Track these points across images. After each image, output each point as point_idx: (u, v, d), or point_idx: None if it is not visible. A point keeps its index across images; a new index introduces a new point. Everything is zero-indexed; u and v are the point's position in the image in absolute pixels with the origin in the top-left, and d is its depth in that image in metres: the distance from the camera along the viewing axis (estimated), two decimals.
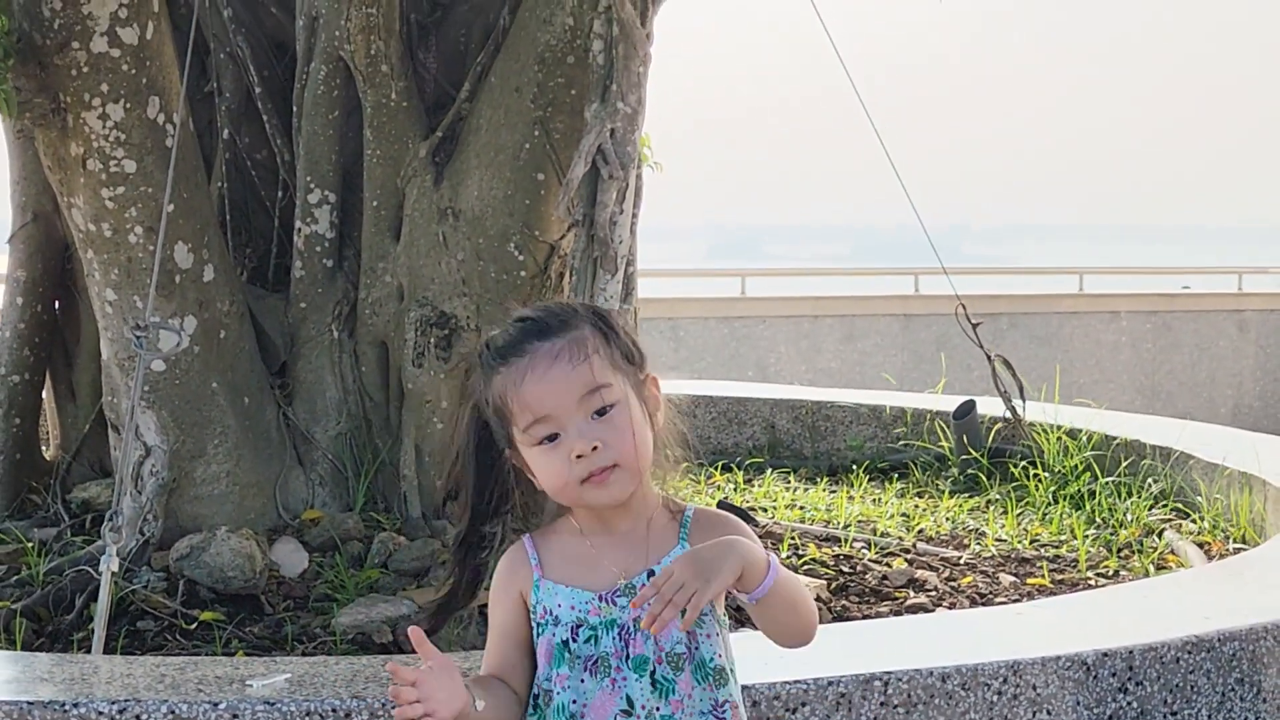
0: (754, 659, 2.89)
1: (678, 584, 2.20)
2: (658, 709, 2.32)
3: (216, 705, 2.59)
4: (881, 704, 2.80)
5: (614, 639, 2.34)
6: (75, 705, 2.59)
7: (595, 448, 2.26)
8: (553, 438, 2.28)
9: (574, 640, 2.35)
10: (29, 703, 2.60)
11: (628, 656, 2.33)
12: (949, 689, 2.84)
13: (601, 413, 2.29)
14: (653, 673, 2.34)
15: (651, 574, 2.32)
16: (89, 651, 3.38)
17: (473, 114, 4.59)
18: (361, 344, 4.68)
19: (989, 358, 5.84)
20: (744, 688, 2.67)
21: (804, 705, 2.76)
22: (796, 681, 2.76)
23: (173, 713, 2.59)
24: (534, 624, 2.36)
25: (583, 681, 2.34)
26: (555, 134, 4.50)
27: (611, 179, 4.03)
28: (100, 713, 2.59)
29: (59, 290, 4.94)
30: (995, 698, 2.87)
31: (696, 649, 2.35)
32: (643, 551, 2.36)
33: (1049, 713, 2.91)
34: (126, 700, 2.60)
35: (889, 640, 3.23)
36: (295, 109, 4.78)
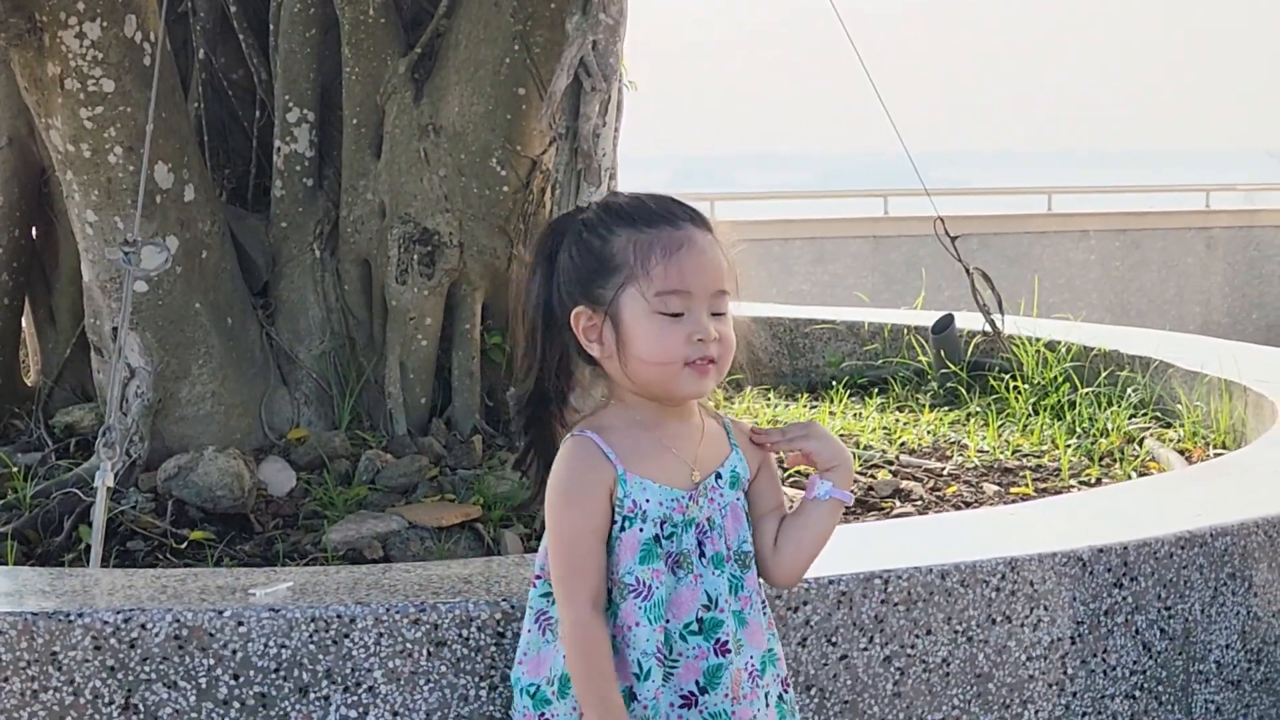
0: None
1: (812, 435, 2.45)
2: (730, 604, 2.39)
3: (221, 613, 2.60)
4: (882, 601, 2.82)
5: (692, 536, 2.39)
6: (80, 615, 2.59)
7: (716, 339, 2.32)
8: (676, 315, 2.30)
9: (663, 536, 2.38)
10: (33, 614, 2.60)
11: (703, 554, 2.38)
12: (948, 586, 2.86)
13: (717, 314, 2.34)
14: (726, 569, 2.41)
15: (719, 476, 2.41)
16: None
17: (451, 29, 4.55)
18: (344, 262, 4.66)
19: (968, 271, 5.84)
20: None
21: (805, 604, 2.78)
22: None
23: (178, 621, 2.59)
24: (619, 518, 2.37)
25: (667, 578, 2.39)
26: (535, 48, 4.47)
27: (594, 91, 4.01)
28: (105, 622, 2.59)
29: (36, 215, 4.90)
30: (993, 594, 2.90)
31: (752, 547, 2.45)
32: (702, 451, 2.42)
33: (1046, 608, 2.94)
34: (131, 610, 2.60)
35: (888, 541, 3.25)
36: (272, 27, 4.73)
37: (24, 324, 5.02)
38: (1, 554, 3.72)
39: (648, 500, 2.37)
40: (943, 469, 4.70)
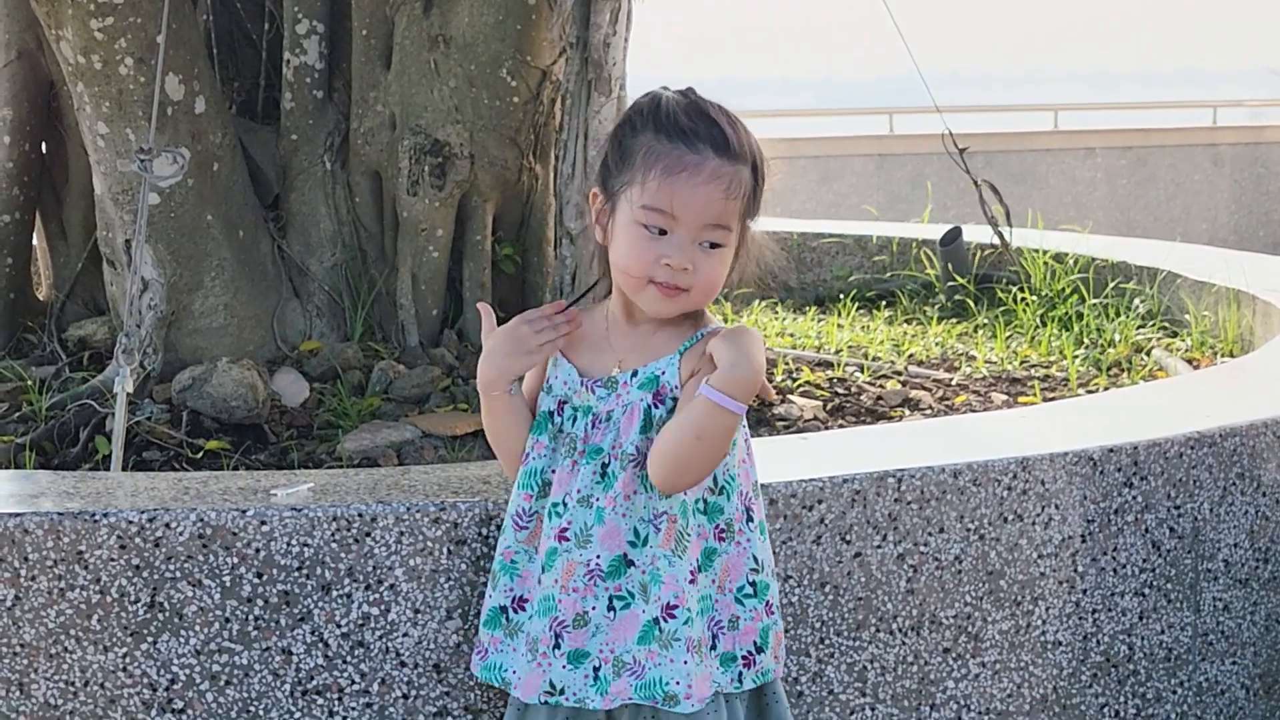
0: (770, 458, 2.94)
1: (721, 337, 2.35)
2: (593, 498, 2.41)
3: (244, 513, 2.63)
4: (895, 500, 2.85)
5: (585, 425, 2.43)
6: (105, 515, 2.62)
7: (686, 269, 2.31)
8: (660, 231, 2.32)
9: (559, 414, 2.45)
10: (59, 514, 2.63)
11: (588, 443, 2.42)
12: (960, 485, 2.89)
13: (714, 246, 2.34)
14: (605, 465, 2.41)
15: (635, 374, 2.41)
16: None
17: None
18: (354, 175, 4.66)
19: (975, 184, 5.85)
20: (761, 486, 2.73)
21: (820, 503, 2.81)
22: (812, 479, 2.81)
23: (201, 520, 2.62)
24: (544, 388, 2.50)
25: (554, 454, 2.46)
26: None
27: (604, 0, 4.00)
28: (130, 522, 2.62)
29: (45, 129, 4.90)
30: (1005, 493, 2.93)
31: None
32: (646, 350, 2.43)
33: (1057, 506, 2.97)
34: (155, 509, 2.63)
35: (901, 441, 3.28)
36: None
37: (35, 238, 5.03)
38: (20, 465, 3.76)
39: (557, 377, 2.47)
40: (951, 379, 4.73)
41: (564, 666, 2.40)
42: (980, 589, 2.94)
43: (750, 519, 2.49)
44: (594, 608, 2.40)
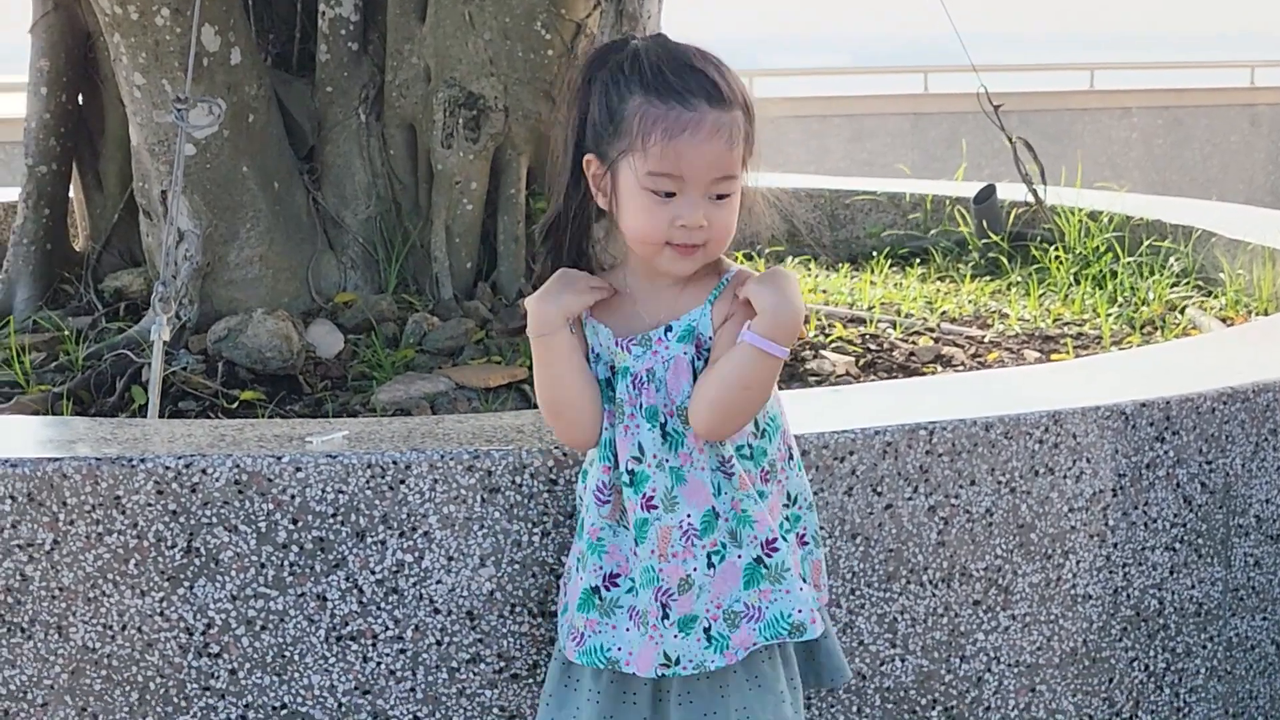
0: (803, 409, 2.95)
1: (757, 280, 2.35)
2: (667, 460, 2.39)
3: (280, 459, 2.65)
4: (927, 452, 2.86)
5: (627, 386, 2.41)
6: (142, 461, 2.65)
7: (701, 226, 2.30)
8: (668, 194, 2.30)
9: (608, 386, 2.44)
10: (97, 459, 2.65)
11: (641, 405, 2.39)
12: (992, 438, 2.90)
13: (721, 196, 2.32)
14: (664, 424, 2.40)
15: (670, 329, 2.39)
16: None
17: None
18: (389, 127, 4.67)
19: (1010, 141, 5.83)
20: (794, 437, 2.74)
21: (851, 454, 2.82)
22: (844, 431, 2.82)
23: (237, 466, 2.64)
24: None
25: (612, 425, 2.43)
26: None
27: None
28: (167, 468, 2.64)
29: (82, 80, 4.92)
30: (1036, 446, 2.93)
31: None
32: (675, 305, 2.42)
33: (1089, 460, 2.97)
34: (192, 455, 2.65)
35: (933, 393, 3.28)
36: None
37: (71, 190, 5.06)
38: (57, 413, 3.79)
39: (599, 342, 2.44)
40: (984, 336, 4.72)
41: (675, 636, 2.39)
42: (1011, 542, 2.94)
43: (791, 456, 2.51)
44: (695, 569, 2.39)
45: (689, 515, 2.38)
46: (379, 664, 2.71)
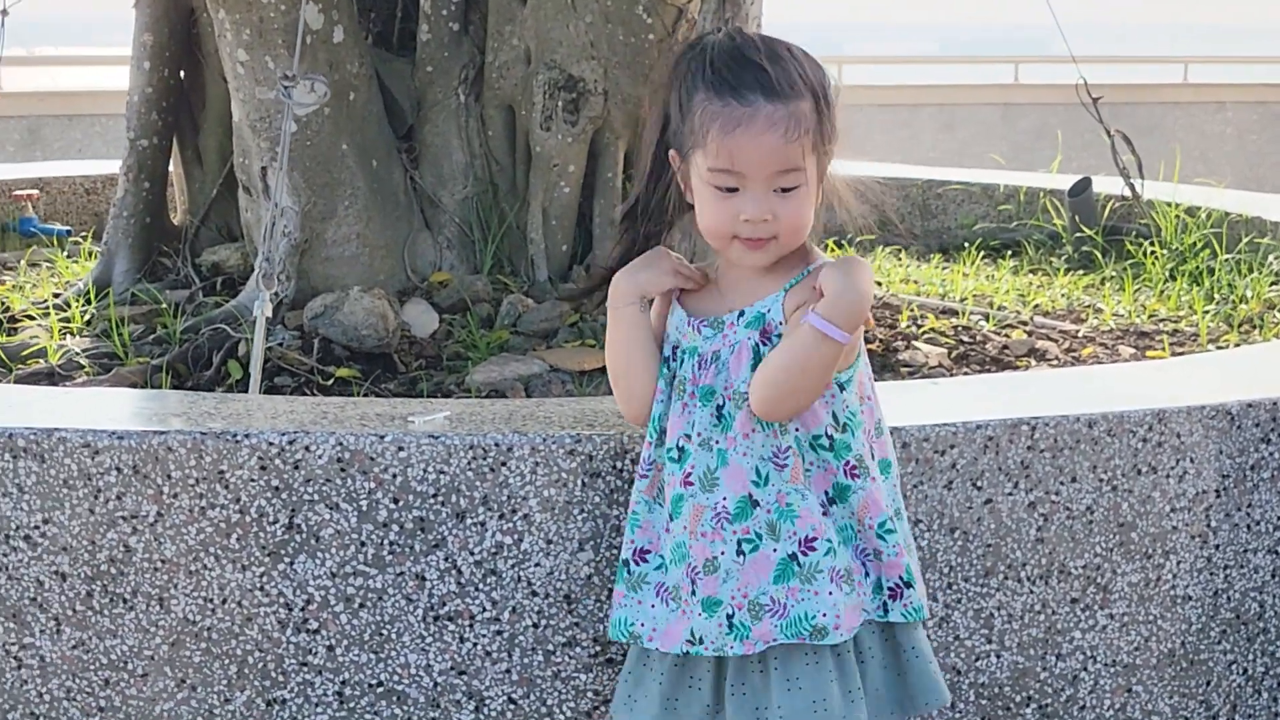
0: (904, 402, 2.94)
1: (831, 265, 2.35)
2: (715, 441, 2.40)
3: (383, 438, 2.66)
4: (1028, 448, 2.84)
5: (692, 366, 2.43)
6: (247, 436, 2.67)
7: (766, 220, 2.31)
8: (731, 189, 2.31)
9: (673, 360, 2.46)
10: (202, 433, 2.68)
11: (699, 385, 2.42)
12: (1095, 435, 2.87)
13: (784, 190, 2.32)
14: (720, 406, 2.41)
15: (741, 314, 2.41)
16: None
17: None
18: (488, 108, 4.68)
19: (1108, 133, 5.77)
20: (893, 429, 2.73)
21: (952, 448, 2.80)
22: (945, 424, 2.80)
23: (340, 444, 2.66)
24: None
25: (669, 400, 2.46)
26: None
27: None
28: (271, 443, 2.66)
29: (185, 56, 4.95)
30: (1140, 444, 2.90)
31: (791, 425, 2.40)
32: (753, 292, 2.43)
33: (1192, 460, 2.94)
34: (295, 432, 2.67)
35: (1035, 389, 3.26)
36: None
37: (171, 164, 5.10)
38: (155, 385, 3.82)
39: (673, 324, 2.48)
40: (1078, 331, 4.68)
41: (699, 614, 2.40)
42: (1111, 540, 2.92)
43: (873, 457, 2.47)
44: (722, 552, 2.39)
45: (724, 499, 2.39)
46: (475, 645, 2.73)
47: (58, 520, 2.72)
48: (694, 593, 2.40)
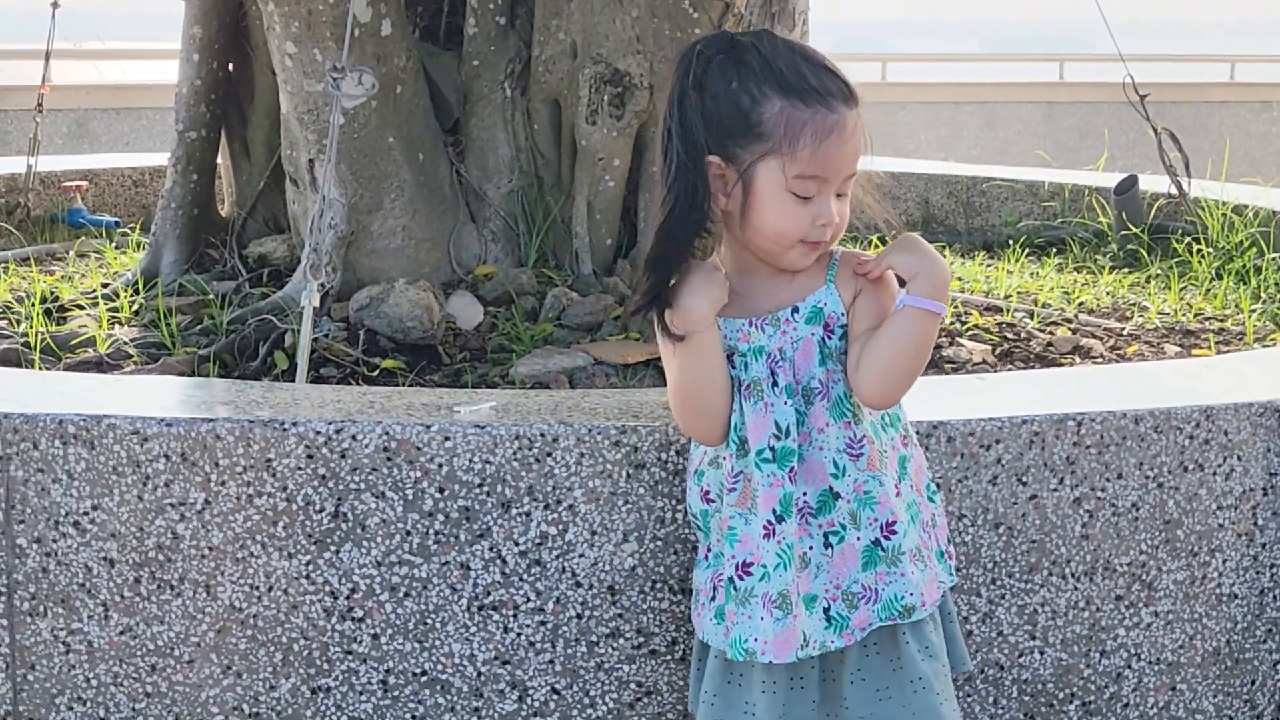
0: (949, 397, 2.94)
1: (898, 249, 2.39)
2: (791, 438, 2.41)
3: (429, 428, 2.67)
4: (1074, 444, 2.83)
5: (763, 365, 2.43)
6: (294, 424, 2.68)
7: (836, 222, 2.36)
8: (807, 198, 2.33)
9: (731, 367, 2.44)
10: (249, 421, 2.70)
11: (775, 383, 2.41)
12: (1141, 431, 2.86)
13: (840, 194, 2.36)
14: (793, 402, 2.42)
15: (796, 310, 2.41)
16: None
17: None
18: (534, 102, 4.69)
19: (1155, 131, 5.75)
20: (938, 424, 2.73)
21: (998, 443, 2.80)
22: (991, 419, 2.80)
23: (387, 433, 2.67)
24: None
25: (741, 407, 2.43)
26: None
27: None
28: (318, 432, 2.68)
29: (233, 48, 4.98)
30: (1187, 441, 2.89)
31: (833, 384, 2.41)
32: (790, 289, 2.44)
33: (1239, 458, 2.93)
34: (342, 421, 2.69)
35: (1081, 384, 3.25)
36: None
37: (219, 156, 5.13)
38: (202, 375, 3.85)
39: (726, 330, 2.44)
40: (1123, 329, 4.67)
41: (805, 613, 2.41)
42: (1156, 537, 2.91)
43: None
44: (811, 547, 2.42)
45: (805, 494, 2.41)
46: (519, 635, 2.74)
47: (107, 507, 2.74)
48: (797, 593, 2.42)
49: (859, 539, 2.41)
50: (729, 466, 2.45)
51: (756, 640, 2.42)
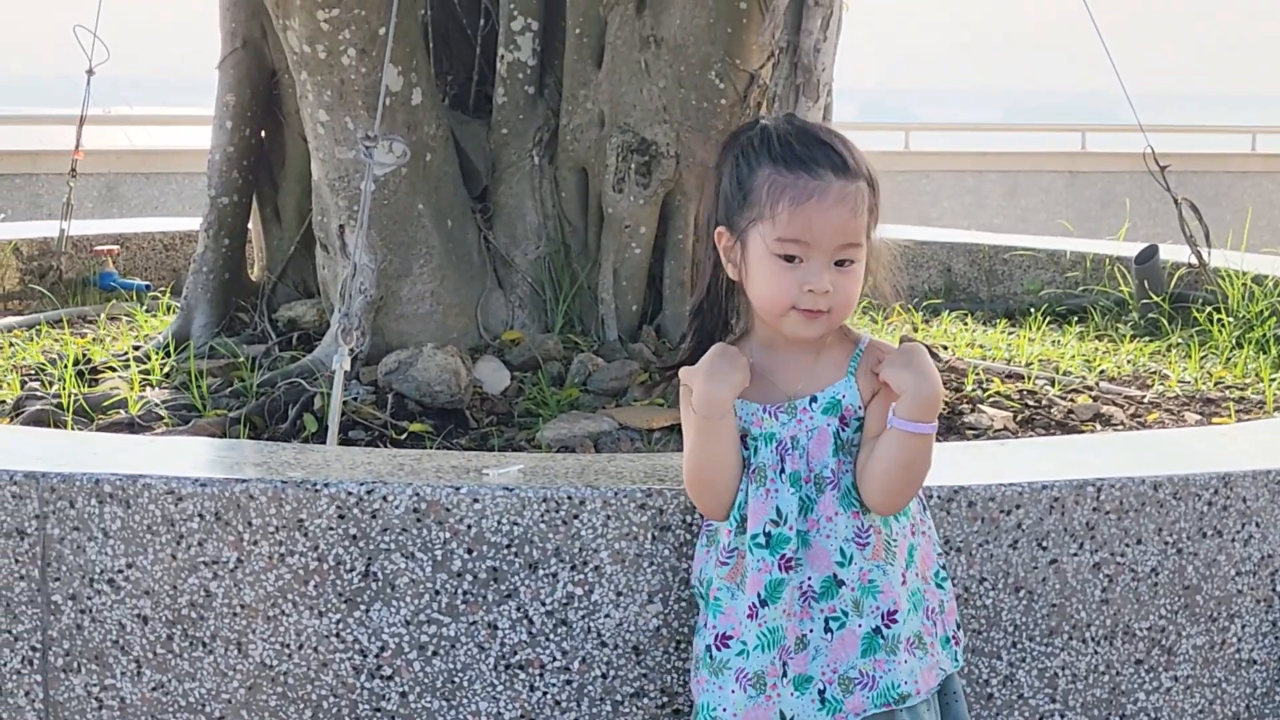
0: (968, 461, 2.97)
1: (893, 363, 2.42)
2: (797, 524, 2.47)
3: (458, 489, 2.72)
4: (1094, 509, 2.87)
5: (771, 452, 2.48)
6: (325, 485, 2.73)
7: (827, 291, 2.40)
8: (791, 259, 2.39)
9: (744, 448, 2.48)
10: (282, 482, 2.75)
11: (782, 470, 2.46)
12: (1160, 497, 2.90)
13: (841, 263, 2.41)
14: (802, 490, 2.47)
15: (814, 399, 2.47)
16: None
17: None
18: (561, 170, 4.76)
19: (1176, 201, 5.79)
20: (959, 488, 2.77)
21: (1018, 508, 2.84)
22: (1012, 484, 2.84)
23: (417, 494, 2.72)
24: None
25: (745, 488, 2.49)
26: None
27: (817, 5, 4.06)
28: (349, 493, 2.73)
29: (266, 116, 5.07)
30: (1205, 508, 2.93)
31: (844, 474, 2.46)
32: (812, 376, 2.50)
33: (1258, 525, 2.97)
34: (374, 483, 2.74)
35: (1100, 451, 3.29)
36: None
37: (250, 221, 5.20)
38: (233, 438, 3.90)
39: (741, 413, 2.49)
40: (1143, 397, 4.70)
41: (791, 694, 2.46)
42: (1176, 603, 2.94)
43: (924, 506, 2.59)
44: (811, 630, 2.47)
45: (809, 578, 2.47)
46: (545, 694, 2.77)
47: (141, 565, 2.79)
48: (784, 674, 2.46)
49: (860, 626, 2.47)
50: (725, 541, 2.53)
51: (725, 710, 2.48)
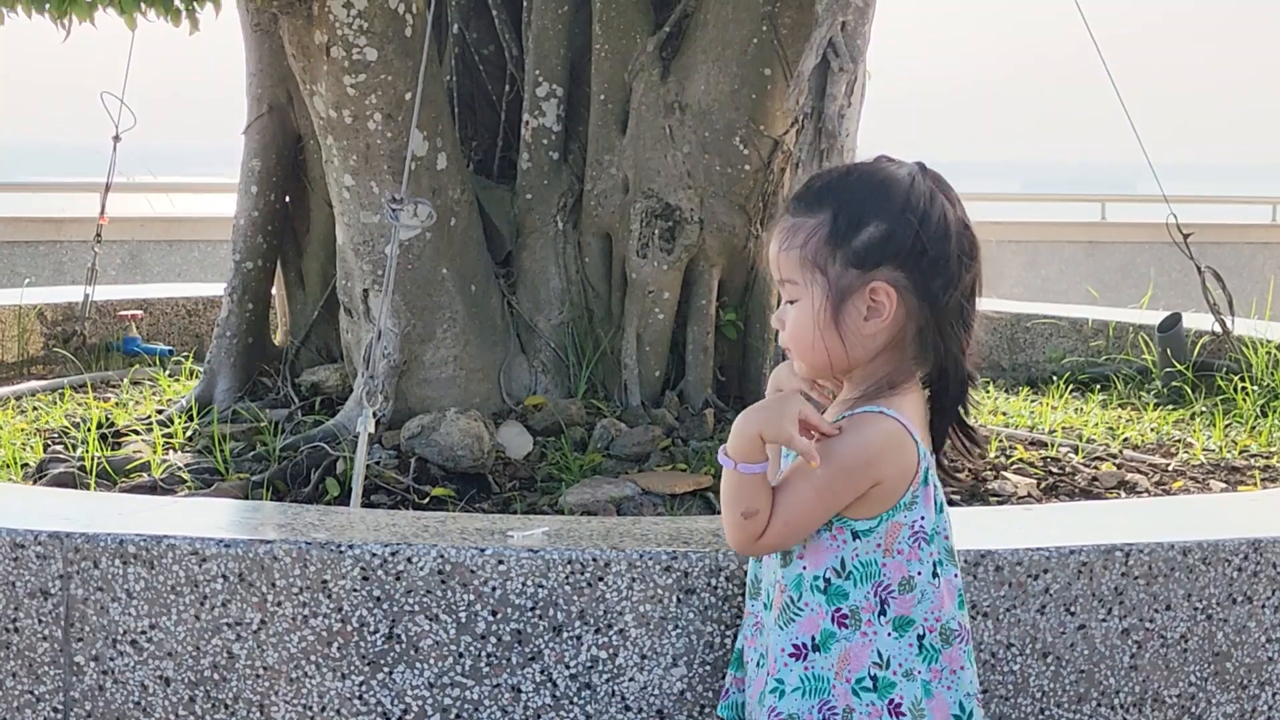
0: (997, 527, 2.96)
1: None
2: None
3: (483, 551, 2.71)
4: (1122, 574, 2.85)
5: None
6: (350, 547, 2.73)
7: (778, 328, 2.44)
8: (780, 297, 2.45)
9: None
10: (307, 543, 2.74)
11: None
12: (1189, 563, 2.88)
13: (790, 301, 2.41)
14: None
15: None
16: None
17: (700, 9, 4.65)
18: (585, 235, 4.78)
19: (1199, 270, 5.79)
20: (986, 553, 2.75)
21: (1046, 572, 2.82)
22: (1039, 549, 2.82)
23: (442, 556, 2.71)
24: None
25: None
26: (783, 29, 4.55)
27: (842, 71, 4.06)
28: (374, 554, 2.72)
29: (291, 181, 5.09)
30: (1235, 574, 2.91)
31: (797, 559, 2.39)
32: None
33: None
34: (398, 544, 2.73)
35: (1129, 516, 3.27)
36: (525, 3, 4.86)
37: (274, 286, 5.21)
38: (256, 499, 3.89)
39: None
40: (1168, 465, 4.68)
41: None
42: (1205, 669, 2.92)
43: (884, 613, 2.36)
44: (751, 659, 2.51)
45: (756, 615, 2.51)
46: None
47: (164, 626, 2.78)
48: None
49: (763, 678, 2.41)
50: (749, 606, 2.56)
51: None
